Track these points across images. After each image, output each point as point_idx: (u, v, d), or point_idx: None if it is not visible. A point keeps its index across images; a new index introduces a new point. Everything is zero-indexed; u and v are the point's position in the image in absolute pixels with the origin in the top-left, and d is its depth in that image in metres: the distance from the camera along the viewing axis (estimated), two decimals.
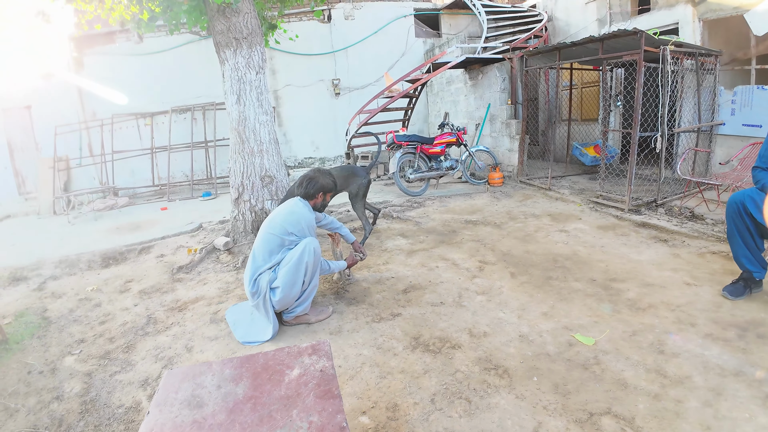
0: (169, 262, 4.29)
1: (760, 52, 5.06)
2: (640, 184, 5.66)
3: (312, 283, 2.74)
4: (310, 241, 2.65)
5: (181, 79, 9.01)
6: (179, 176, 9.14)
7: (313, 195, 2.84)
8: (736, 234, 2.78)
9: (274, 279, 2.65)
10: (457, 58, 7.07)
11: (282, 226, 2.69)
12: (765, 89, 4.97)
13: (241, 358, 1.76)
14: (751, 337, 2.39)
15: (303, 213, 2.75)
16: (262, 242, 2.71)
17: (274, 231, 2.69)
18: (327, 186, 2.87)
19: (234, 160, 4.35)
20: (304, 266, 2.63)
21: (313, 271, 2.70)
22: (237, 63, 4.22)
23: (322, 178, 2.85)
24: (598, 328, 2.54)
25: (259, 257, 2.70)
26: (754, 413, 1.82)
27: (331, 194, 2.97)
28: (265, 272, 2.67)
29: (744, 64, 5.41)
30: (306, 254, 2.61)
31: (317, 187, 2.83)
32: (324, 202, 2.93)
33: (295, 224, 2.69)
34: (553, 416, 1.87)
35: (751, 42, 5.09)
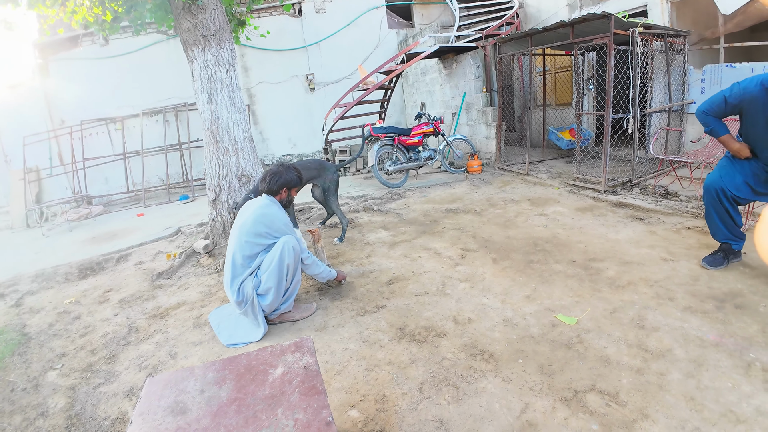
0: (148, 269, 4.19)
1: (728, 30, 5.16)
2: (615, 165, 5.76)
3: (294, 281, 2.72)
4: (287, 240, 2.60)
5: (150, 80, 8.78)
6: (155, 181, 8.94)
7: (277, 191, 2.77)
8: (714, 216, 2.88)
9: (258, 284, 2.61)
10: (431, 48, 7.06)
11: (255, 231, 2.62)
12: (734, 67, 5.09)
13: (223, 360, 1.73)
14: (729, 308, 2.46)
15: (275, 213, 2.68)
16: (238, 249, 2.64)
17: (248, 238, 2.62)
18: (291, 181, 2.80)
19: (209, 160, 4.26)
20: (285, 267, 2.60)
21: (294, 270, 2.67)
22: (206, 61, 4.12)
23: (286, 173, 2.78)
24: (580, 308, 2.58)
25: (238, 265, 2.64)
26: (736, 382, 1.88)
27: (296, 189, 2.91)
28: (248, 279, 2.62)
29: (712, 43, 5.52)
30: (285, 254, 2.58)
31: (281, 182, 2.76)
32: (289, 197, 2.87)
33: (269, 225, 2.64)
34: (540, 396, 1.90)
35: (719, 21, 5.19)
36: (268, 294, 2.60)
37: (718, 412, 1.72)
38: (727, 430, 1.63)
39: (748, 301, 2.49)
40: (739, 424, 1.65)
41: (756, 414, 1.69)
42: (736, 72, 5.05)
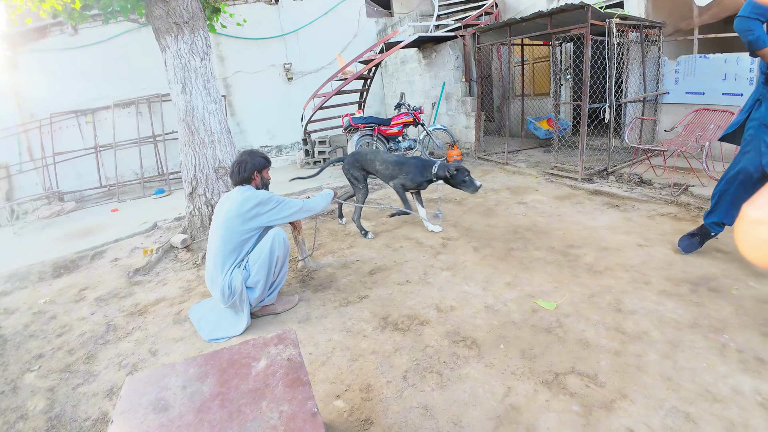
0: (124, 266, 4.09)
1: (702, 22, 5.26)
2: (592, 154, 5.87)
3: (282, 272, 2.71)
4: (277, 233, 2.60)
5: (122, 71, 8.47)
6: (128, 175, 8.68)
7: (249, 178, 2.73)
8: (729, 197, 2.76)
9: (248, 277, 2.56)
10: (410, 37, 7.02)
11: (247, 215, 2.56)
12: (707, 58, 5.21)
13: (205, 355, 1.70)
14: (703, 291, 2.54)
15: (251, 195, 2.62)
16: (223, 242, 2.57)
17: (236, 227, 2.56)
18: (258, 164, 2.75)
19: (184, 152, 4.15)
20: (275, 259, 2.58)
21: (283, 262, 2.66)
22: (179, 50, 4.00)
23: (251, 158, 2.74)
24: (559, 293, 2.64)
25: (227, 258, 2.57)
26: (712, 362, 1.95)
27: (267, 169, 2.84)
28: (236, 271, 2.56)
29: (687, 34, 5.62)
30: (276, 246, 2.56)
31: (249, 168, 2.71)
32: (264, 180, 2.81)
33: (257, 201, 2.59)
34: (522, 380, 1.93)
35: (693, 12, 5.29)
36: (257, 286, 2.57)
37: (695, 392, 1.78)
38: (704, 408, 1.69)
39: (721, 285, 2.58)
40: (716, 403, 1.71)
41: (732, 393, 1.76)
42: (710, 63, 5.18)
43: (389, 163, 3.93)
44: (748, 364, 1.91)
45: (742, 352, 1.99)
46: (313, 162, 8.02)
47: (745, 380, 1.82)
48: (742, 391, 1.76)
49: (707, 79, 5.24)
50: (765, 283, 2.56)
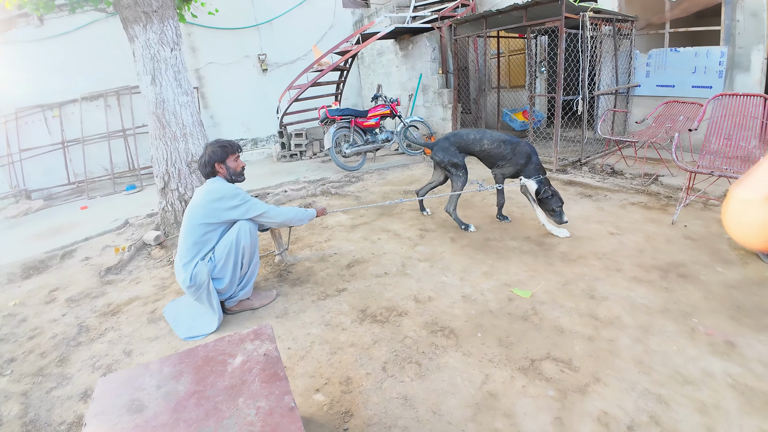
0: (96, 265, 3.96)
1: (673, 16, 5.38)
2: (566, 145, 5.98)
3: (252, 264, 2.65)
4: (243, 224, 2.54)
5: (90, 62, 8.13)
6: (98, 171, 8.38)
7: (212, 170, 2.62)
8: None
9: (213, 268, 2.52)
10: (387, 28, 6.98)
11: (207, 207, 2.51)
12: (678, 51, 5.35)
13: (180, 353, 1.67)
14: (673, 277, 2.63)
15: (217, 188, 2.56)
16: (187, 234, 2.54)
17: (198, 219, 2.52)
18: (216, 155, 2.60)
19: (155, 146, 4.03)
20: (241, 250, 2.53)
21: (251, 253, 2.61)
22: (148, 40, 3.87)
23: (208, 150, 2.62)
24: (535, 281, 2.69)
25: (189, 250, 2.54)
26: (682, 346, 2.02)
27: (232, 158, 2.66)
28: (200, 263, 2.52)
29: (658, 28, 5.75)
30: (242, 237, 2.52)
31: (207, 161, 2.60)
32: (231, 170, 2.66)
33: (220, 200, 2.51)
34: (499, 367, 1.97)
35: (665, 7, 5.41)
36: (224, 278, 2.54)
37: (666, 374, 1.85)
38: (675, 390, 1.76)
39: (690, 271, 2.68)
40: (687, 385, 1.78)
41: (702, 375, 1.83)
42: (680, 56, 5.32)
43: (501, 142, 3.52)
44: (717, 347, 1.99)
45: (711, 336, 2.07)
46: (289, 155, 7.91)
47: (715, 362, 1.89)
48: (712, 373, 1.83)
49: (677, 72, 5.39)
50: (732, 268, 2.67)
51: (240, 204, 2.56)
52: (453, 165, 3.64)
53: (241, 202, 2.56)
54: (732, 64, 4.90)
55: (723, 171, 3.21)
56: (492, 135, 3.58)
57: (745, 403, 1.66)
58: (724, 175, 3.14)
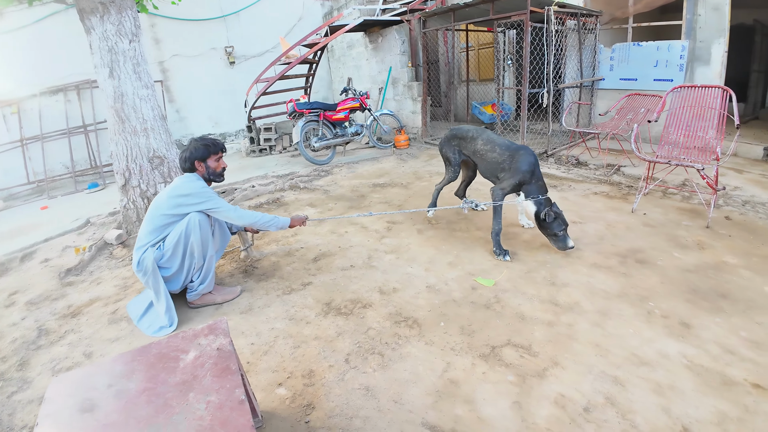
0: (56, 266, 3.82)
1: (637, 10, 5.53)
2: (533, 137, 6.09)
3: (207, 258, 2.60)
4: (193, 216, 2.49)
5: (50, 56, 7.76)
6: (59, 169, 8.03)
7: (191, 168, 2.61)
8: None
9: (160, 257, 2.49)
10: (355, 21, 6.92)
11: (171, 201, 2.50)
12: (640, 45, 5.51)
13: (132, 351, 1.63)
14: (631, 262, 2.72)
15: (193, 182, 2.55)
16: (147, 221, 2.54)
17: (160, 210, 2.51)
18: (197, 153, 2.58)
19: (115, 142, 3.89)
20: (190, 243, 2.50)
21: (204, 246, 2.55)
22: (106, 31, 3.72)
23: (190, 147, 2.61)
24: (498, 270, 2.74)
25: (146, 236, 2.54)
26: (638, 328, 2.09)
27: (213, 158, 2.64)
28: (149, 249, 2.50)
29: (622, 23, 5.90)
30: (191, 229, 2.47)
31: (188, 157, 2.59)
32: (211, 170, 2.65)
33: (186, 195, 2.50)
34: (460, 355, 1.99)
35: (629, 2, 5.55)
36: (171, 268, 2.53)
37: (622, 356, 1.91)
38: (631, 372, 1.82)
39: (647, 257, 2.77)
40: (642, 366, 1.84)
41: (658, 356, 1.89)
42: (643, 50, 5.48)
43: (497, 146, 3.03)
44: (673, 329, 2.07)
45: (667, 318, 2.15)
46: (258, 149, 7.78)
47: (670, 344, 1.97)
48: (667, 354, 1.90)
49: (640, 66, 5.55)
50: (689, 253, 2.78)
51: (203, 201, 2.53)
52: (445, 159, 3.51)
53: (204, 200, 2.53)
54: (693, 57, 5.07)
55: (680, 160, 3.33)
56: (490, 136, 3.16)
57: (701, 384, 1.73)
58: (681, 164, 3.26)
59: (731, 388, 1.70)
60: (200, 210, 2.52)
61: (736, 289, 2.36)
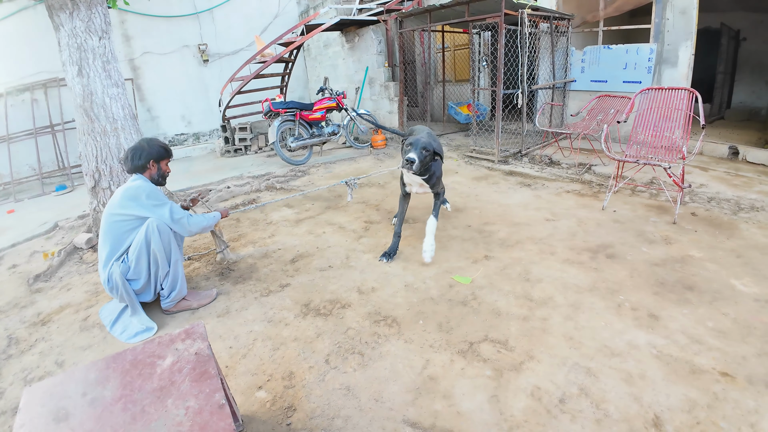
0: (23, 272, 3.68)
1: (608, 14, 5.69)
2: (508, 137, 6.20)
3: (173, 263, 2.54)
4: (150, 222, 2.42)
5: (16, 54, 7.44)
6: (25, 170, 7.72)
7: (144, 166, 2.55)
8: None
9: (126, 270, 2.44)
10: (331, 20, 6.90)
11: (120, 207, 2.44)
12: (610, 48, 5.67)
13: (106, 358, 1.60)
14: (602, 257, 2.81)
15: (139, 185, 2.49)
16: (105, 232, 2.46)
17: (114, 218, 2.45)
18: (156, 153, 2.56)
19: (84, 142, 3.78)
20: (152, 251, 2.44)
21: (166, 252, 2.49)
22: (75, 28, 3.61)
23: (149, 145, 2.56)
24: (474, 268, 2.79)
25: (105, 249, 2.47)
26: (609, 321, 2.16)
27: (165, 161, 2.65)
28: (114, 264, 2.44)
29: (593, 26, 6.06)
30: (150, 236, 2.42)
31: (146, 155, 2.53)
32: (161, 171, 2.63)
33: (134, 199, 2.43)
34: (439, 352, 2.03)
35: (600, 5, 5.72)
36: (140, 279, 2.48)
37: (595, 348, 1.98)
38: (603, 363, 1.88)
39: (617, 251, 2.87)
40: (614, 357, 1.91)
41: (628, 347, 1.96)
42: (612, 53, 5.64)
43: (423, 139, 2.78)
44: (642, 321, 2.14)
45: (636, 310, 2.23)
46: (233, 150, 7.67)
47: (639, 335, 2.04)
48: (637, 345, 1.97)
49: (610, 68, 5.73)
50: (656, 248, 2.88)
51: (160, 204, 2.49)
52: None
53: (161, 203, 2.50)
54: (660, 60, 5.26)
55: (648, 159, 3.46)
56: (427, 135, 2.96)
57: (670, 373, 1.80)
58: (649, 163, 3.38)
59: (700, 376, 1.77)
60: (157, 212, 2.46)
61: (702, 281, 2.46)
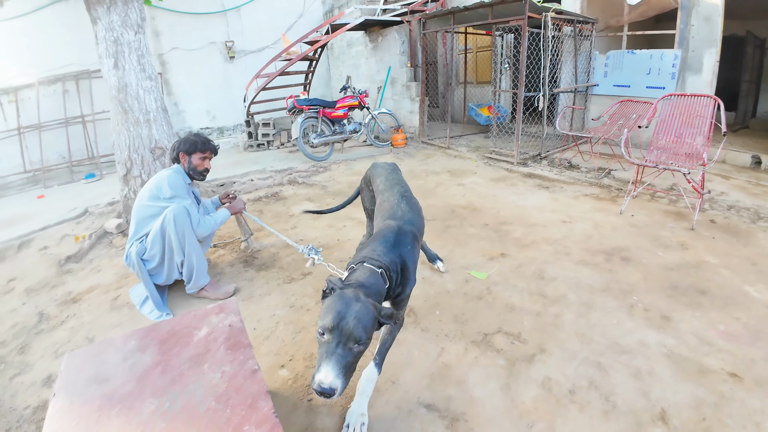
0: (54, 254, 3.86)
1: (632, 19, 5.68)
2: (527, 140, 6.22)
3: (187, 253, 2.59)
4: (169, 210, 2.51)
5: (49, 45, 7.74)
6: (55, 158, 8.02)
7: (176, 157, 2.73)
8: None
9: (143, 251, 2.58)
10: (356, 20, 7.01)
11: (147, 191, 2.61)
12: (634, 53, 5.65)
13: (145, 328, 1.71)
14: (616, 260, 2.84)
15: (167, 174, 2.64)
16: (133, 214, 2.65)
17: (141, 201, 2.62)
18: (184, 146, 2.69)
19: (118, 132, 3.95)
20: (167, 236, 2.54)
21: (180, 242, 2.56)
22: (111, 22, 3.78)
23: (184, 138, 2.71)
24: (490, 265, 2.85)
25: (131, 229, 2.65)
26: (620, 320, 2.20)
27: (198, 155, 2.71)
28: (135, 243, 2.60)
29: (617, 30, 6.05)
30: (166, 225, 2.52)
31: (175, 147, 2.70)
32: (192, 166, 2.72)
33: (157, 188, 2.59)
34: (454, 341, 2.10)
35: (624, 10, 5.70)
36: (153, 260, 2.60)
37: (605, 345, 2.03)
38: (612, 359, 1.93)
39: (632, 255, 2.89)
40: (624, 354, 1.95)
41: (638, 346, 2.01)
42: (636, 58, 5.62)
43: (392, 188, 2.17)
44: (654, 321, 2.18)
45: (648, 311, 2.27)
46: (256, 144, 7.84)
47: (650, 334, 2.08)
48: (647, 344, 2.01)
49: (633, 73, 5.70)
50: (672, 253, 2.90)
51: (174, 197, 2.60)
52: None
53: (176, 196, 2.60)
54: (684, 66, 5.23)
55: (668, 165, 3.47)
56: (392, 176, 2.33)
57: (679, 371, 1.84)
58: (669, 169, 3.39)
59: (708, 376, 1.80)
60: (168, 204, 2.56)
61: (715, 286, 2.48)
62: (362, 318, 1.32)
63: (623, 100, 5.20)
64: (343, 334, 1.29)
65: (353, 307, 1.33)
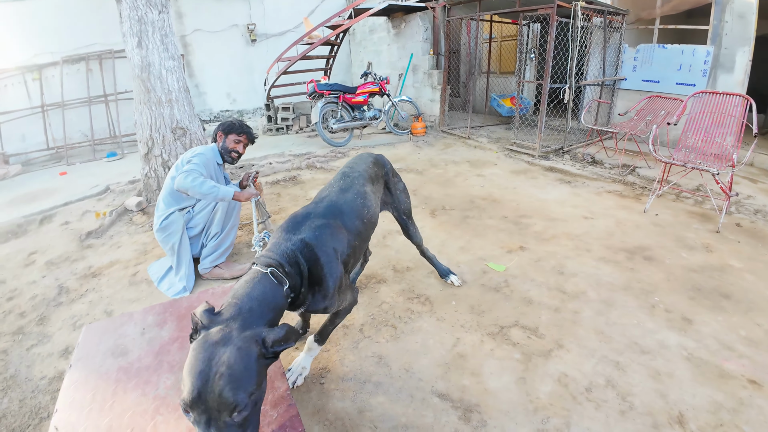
0: (75, 229, 3.94)
1: (664, 12, 5.47)
2: (550, 133, 6.09)
3: (227, 229, 2.73)
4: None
5: (72, 24, 7.84)
6: (78, 137, 8.17)
7: (214, 136, 2.79)
8: None
9: (189, 219, 2.60)
10: (380, 5, 6.90)
11: (181, 162, 2.65)
12: (665, 48, 5.46)
13: (163, 304, 1.73)
14: (638, 259, 2.77)
15: (201, 149, 2.69)
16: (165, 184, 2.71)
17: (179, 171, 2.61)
18: (222, 125, 2.76)
19: (140, 111, 3.98)
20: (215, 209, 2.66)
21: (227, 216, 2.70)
22: (136, 1, 3.78)
23: (225, 120, 2.82)
24: (508, 257, 2.81)
25: (166, 201, 2.68)
26: (641, 320, 2.15)
27: (233, 137, 2.73)
28: (177, 213, 2.63)
29: (648, 23, 5.84)
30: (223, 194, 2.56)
31: (218, 127, 2.77)
32: (225, 146, 2.74)
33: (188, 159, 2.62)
34: (469, 332, 2.08)
35: (656, 3, 5.50)
36: (196, 228, 2.69)
37: (624, 344, 1.98)
38: (631, 358, 1.89)
39: (655, 254, 2.82)
40: (643, 355, 1.91)
41: (659, 347, 1.96)
42: (667, 53, 5.43)
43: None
44: (675, 323, 2.13)
45: (670, 312, 2.21)
46: (275, 128, 7.85)
47: (671, 336, 2.03)
48: (668, 345, 1.97)
49: (663, 68, 5.51)
50: (696, 254, 2.82)
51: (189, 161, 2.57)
52: None
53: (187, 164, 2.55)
54: (716, 64, 5.03)
55: (696, 164, 3.35)
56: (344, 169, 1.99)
57: (698, 374, 1.79)
58: (697, 168, 3.28)
59: (727, 381, 1.76)
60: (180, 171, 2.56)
61: (738, 291, 2.40)
62: (234, 372, 0.94)
63: (652, 95, 5.04)
64: (209, 407, 0.91)
65: (219, 358, 0.96)
